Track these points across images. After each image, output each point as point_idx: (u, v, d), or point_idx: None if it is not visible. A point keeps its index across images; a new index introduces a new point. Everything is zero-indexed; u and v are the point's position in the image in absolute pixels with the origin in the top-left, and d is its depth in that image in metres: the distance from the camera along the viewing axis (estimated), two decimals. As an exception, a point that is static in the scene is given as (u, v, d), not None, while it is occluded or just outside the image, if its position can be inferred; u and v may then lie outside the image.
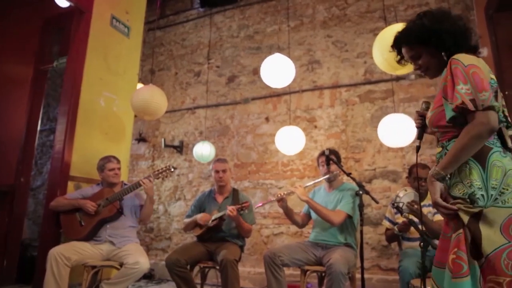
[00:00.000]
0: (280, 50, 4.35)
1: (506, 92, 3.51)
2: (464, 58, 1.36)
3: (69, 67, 3.56)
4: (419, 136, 1.65)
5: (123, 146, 3.92)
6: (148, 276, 4.84)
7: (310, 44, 4.98)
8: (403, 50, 1.56)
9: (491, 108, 1.27)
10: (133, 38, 4.17)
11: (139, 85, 4.30)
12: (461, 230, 1.28)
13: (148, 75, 5.73)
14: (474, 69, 1.32)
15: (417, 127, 1.66)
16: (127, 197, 3.07)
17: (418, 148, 1.62)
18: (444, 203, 1.33)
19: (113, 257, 2.87)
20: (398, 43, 1.58)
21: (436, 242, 2.57)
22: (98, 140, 3.62)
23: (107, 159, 3.12)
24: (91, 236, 2.90)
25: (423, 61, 1.50)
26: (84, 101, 3.50)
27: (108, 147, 3.62)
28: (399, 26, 2.68)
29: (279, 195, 2.88)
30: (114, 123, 3.83)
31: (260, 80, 3.51)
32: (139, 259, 2.68)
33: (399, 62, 1.65)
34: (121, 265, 2.74)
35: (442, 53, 1.45)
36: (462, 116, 1.31)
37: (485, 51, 3.95)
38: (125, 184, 3.18)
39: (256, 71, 5.05)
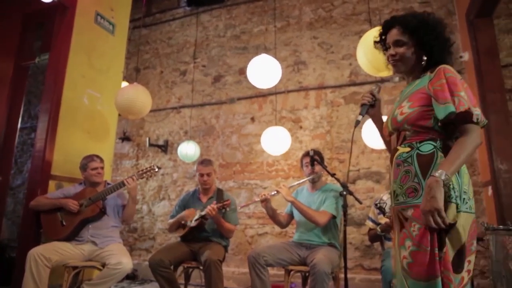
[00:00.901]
0: (266, 50, 4.37)
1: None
2: (455, 72, 1.42)
3: (52, 64, 3.49)
4: (363, 113, 1.64)
5: (107, 145, 3.87)
6: (131, 277, 4.79)
7: (296, 45, 5.01)
8: (393, 31, 1.53)
9: (483, 126, 1.37)
10: (118, 36, 4.12)
11: (124, 83, 4.25)
12: (444, 250, 1.29)
13: (133, 73, 5.66)
14: (465, 84, 1.41)
15: (364, 104, 1.64)
16: (110, 196, 3.02)
17: (357, 123, 1.61)
18: (444, 215, 1.26)
19: (95, 258, 2.82)
20: (393, 22, 1.56)
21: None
22: (81, 138, 3.56)
23: (90, 158, 3.07)
24: (72, 236, 2.85)
25: (402, 51, 1.50)
26: (67, 98, 3.44)
27: (91, 146, 3.57)
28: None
29: (263, 196, 2.88)
30: (97, 122, 3.77)
31: (246, 80, 3.51)
32: (122, 260, 2.65)
33: (376, 43, 1.64)
34: (103, 265, 2.70)
35: (424, 57, 1.48)
36: (450, 121, 1.34)
37: (466, 55, 4.05)
38: (108, 184, 3.14)
39: (242, 71, 5.06)
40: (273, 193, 2.91)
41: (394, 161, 1.47)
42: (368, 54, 2.75)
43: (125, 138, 5.70)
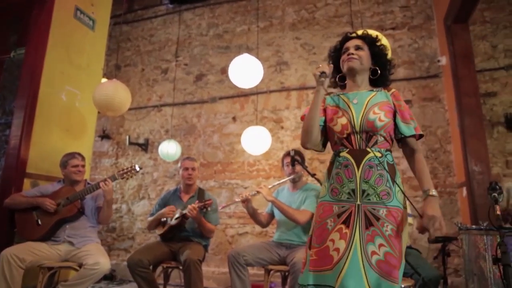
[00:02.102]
0: (248, 50, 4.38)
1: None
2: None
3: (28, 59, 3.40)
4: (324, 75, 1.63)
5: (85, 143, 3.79)
6: (109, 277, 4.71)
7: (279, 45, 5.03)
8: (353, 40, 1.75)
9: None
10: (98, 32, 4.04)
11: (104, 80, 4.17)
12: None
13: (114, 71, 5.57)
14: None
15: (325, 72, 1.63)
16: (89, 196, 2.96)
17: (322, 74, 1.62)
18: (443, 225, 1.49)
19: (71, 258, 2.76)
20: (354, 36, 1.78)
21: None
22: (58, 136, 3.48)
23: (71, 155, 3.00)
24: (48, 236, 2.78)
25: (361, 54, 1.70)
26: (44, 94, 3.35)
27: (69, 144, 3.49)
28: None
29: (243, 196, 2.89)
30: (76, 119, 3.69)
31: (228, 80, 3.50)
32: (99, 260, 2.60)
33: (332, 53, 1.84)
34: (80, 266, 2.64)
35: (376, 68, 1.72)
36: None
37: (443, 60, 4.16)
38: (88, 183, 3.07)
39: (224, 71, 5.05)
40: (253, 193, 2.91)
41: (365, 162, 1.56)
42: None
43: (104, 136, 5.60)
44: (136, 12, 6.00)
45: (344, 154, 1.61)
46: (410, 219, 2.80)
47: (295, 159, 2.86)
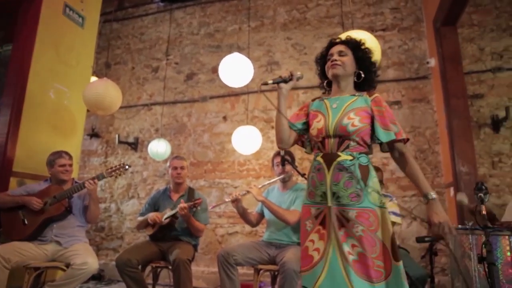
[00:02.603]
0: (239, 49, 4.37)
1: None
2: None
3: (15, 56, 3.35)
4: (276, 80, 1.70)
5: (74, 141, 3.75)
6: (97, 277, 4.67)
7: (270, 45, 5.03)
8: (337, 46, 1.79)
9: None
10: (88, 29, 4.00)
11: (93, 78, 4.13)
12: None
13: (103, 68, 5.51)
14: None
15: (281, 76, 1.71)
16: (77, 195, 2.93)
17: (264, 83, 1.67)
18: (452, 226, 1.53)
19: (59, 258, 2.73)
20: (338, 41, 1.82)
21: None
22: (46, 134, 3.44)
23: (58, 154, 2.96)
24: (35, 236, 2.74)
25: (344, 59, 1.74)
26: (32, 92, 3.31)
27: (57, 142, 3.45)
28: (355, 33, 2.80)
29: (233, 196, 2.89)
30: (64, 117, 3.65)
31: (219, 79, 3.49)
32: (87, 259, 2.57)
33: (319, 59, 1.88)
34: (68, 266, 2.61)
35: (355, 71, 1.76)
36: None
37: (432, 62, 4.20)
38: (76, 182, 3.04)
39: (215, 70, 5.03)
40: (243, 193, 2.91)
41: (335, 165, 1.61)
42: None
43: (93, 134, 5.54)
44: (126, 10, 5.95)
45: (318, 158, 1.68)
46: (398, 219, 2.82)
47: (285, 159, 2.86)
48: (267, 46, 5.04)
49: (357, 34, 2.76)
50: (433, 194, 1.55)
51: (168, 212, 2.99)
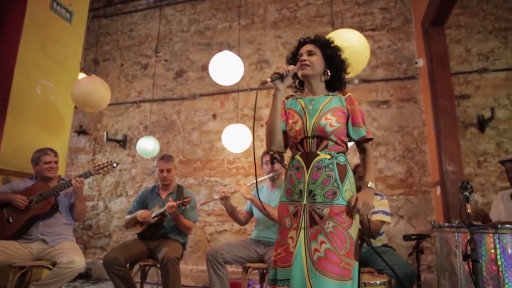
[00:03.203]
0: (230, 47, 4.36)
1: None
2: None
3: (0, 51, 3.28)
4: (274, 78, 1.63)
5: (61, 139, 3.70)
6: (85, 276, 4.63)
7: (260, 43, 5.03)
8: (306, 46, 1.80)
9: None
10: (76, 24, 3.94)
11: (82, 75, 4.08)
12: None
13: (92, 65, 5.44)
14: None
15: (278, 73, 1.64)
16: (63, 193, 2.89)
17: (264, 83, 1.63)
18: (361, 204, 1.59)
19: (44, 257, 2.69)
20: (307, 40, 1.83)
21: (371, 239, 2.74)
22: (32, 131, 3.38)
23: (43, 151, 2.91)
24: (20, 234, 2.70)
25: (313, 59, 1.75)
26: (17, 88, 3.25)
27: (43, 139, 3.39)
28: (344, 32, 2.82)
29: (222, 194, 2.89)
30: (51, 114, 3.59)
31: (209, 77, 3.48)
32: (74, 258, 2.54)
33: (289, 59, 1.88)
34: (54, 264, 2.57)
35: (328, 71, 1.76)
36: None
37: (421, 62, 4.26)
38: (62, 179, 2.99)
39: (205, 67, 5.01)
40: (232, 190, 2.92)
41: (314, 164, 1.64)
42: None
43: (81, 131, 5.48)
44: (115, 6, 5.89)
45: (297, 157, 1.71)
46: (388, 218, 2.85)
47: (274, 157, 2.87)
48: (257, 44, 5.04)
49: (347, 34, 2.78)
50: (372, 184, 1.64)
51: (157, 211, 2.97)
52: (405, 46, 4.56)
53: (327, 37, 1.84)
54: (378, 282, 2.34)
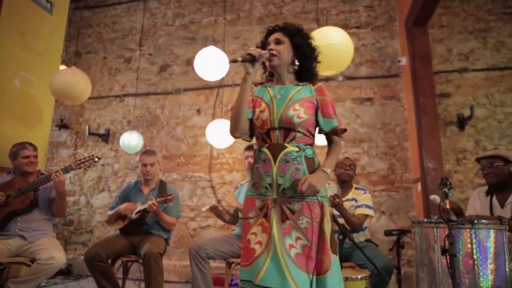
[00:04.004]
0: (215, 42, 4.33)
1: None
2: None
3: (-23, 41, 3.18)
4: (246, 59, 1.55)
5: (41, 132, 3.61)
6: (65, 272, 4.56)
7: (246, 39, 5.02)
8: (275, 34, 1.71)
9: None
10: (57, 15, 3.84)
11: (63, 67, 3.99)
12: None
13: (73, 57, 5.33)
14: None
15: (250, 54, 1.56)
16: (43, 187, 2.82)
17: (234, 60, 1.54)
18: (319, 192, 1.55)
19: (23, 253, 2.63)
20: (276, 28, 1.74)
21: (354, 234, 2.78)
22: (10, 124, 3.29)
23: (22, 145, 2.84)
24: (-3, 230, 2.64)
25: (280, 48, 1.67)
26: (-5, 80, 3.16)
27: (22, 133, 3.31)
28: (329, 30, 2.83)
29: (211, 205, 2.94)
30: (30, 107, 3.51)
31: (193, 71, 3.46)
32: (54, 254, 2.50)
33: (261, 48, 1.71)
34: (33, 261, 2.52)
35: (296, 62, 1.69)
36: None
37: (404, 60, 4.32)
38: (41, 174, 2.93)
39: (189, 62, 4.97)
40: (211, 205, 2.94)
41: (282, 156, 1.59)
42: (313, 53, 2.82)
43: (62, 125, 5.37)
44: (98, -2, 5.77)
45: (263, 149, 1.64)
46: (371, 212, 2.90)
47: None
48: (242, 40, 5.02)
49: (331, 31, 2.80)
50: (327, 169, 1.59)
51: (139, 207, 2.94)
52: (389, 44, 4.62)
53: (296, 24, 1.75)
54: (359, 277, 2.38)
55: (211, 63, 3.22)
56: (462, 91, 4.28)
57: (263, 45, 1.74)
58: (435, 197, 2.30)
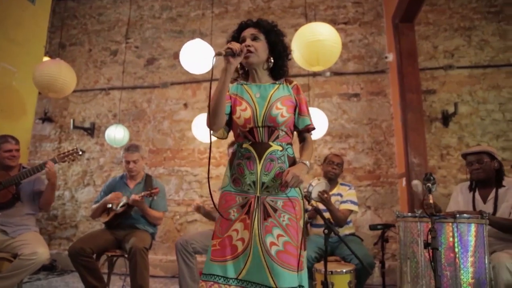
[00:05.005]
0: (202, 36, 4.29)
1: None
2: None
3: (-44, 31, 3.09)
4: (228, 53, 1.50)
5: (23, 125, 3.55)
6: (49, 268, 4.50)
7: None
8: (250, 29, 1.68)
9: None
10: (40, 5, 3.76)
11: (46, 59, 3.91)
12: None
13: (58, 49, 5.22)
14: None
15: (231, 48, 1.51)
16: (26, 181, 2.77)
17: (218, 54, 1.51)
18: (302, 183, 1.58)
19: (5, 248, 2.58)
20: (250, 23, 1.71)
21: (339, 228, 2.81)
22: (-8, 117, 3.22)
23: (4, 139, 2.78)
24: (-23, 225, 2.58)
25: (258, 45, 1.65)
26: (-25, 71, 3.08)
27: (3, 126, 3.24)
28: (317, 25, 2.84)
29: (196, 204, 2.99)
30: (12, 99, 3.43)
31: (181, 65, 3.42)
32: (37, 249, 2.46)
33: (233, 39, 1.70)
34: (15, 256, 2.48)
35: (271, 58, 1.69)
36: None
37: (391, 57, 4.35)
38: (23, 168, 2.87)
39: (176, 55, 4.89)
40: (197, 205, 3.00)
41: (267, 155, 1.60)
42: (301, 49, 2.83)
43: (46, 118, 5.26)
44: (83, -12, 5.65)
45: (246, 145, 1.63)
46: (355, 207, 2.93)
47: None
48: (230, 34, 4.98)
49: (319, 27, 2.81)
50: (306, 161, 1.62)
51: (124, 200, 2.92)
52: (376, 40, 4.65)
53: (270, 21, 1.73)
54: (344, 271, 2.42)
55: (197, 56, 3.19)
56: (447, 88, 4.34)
57: (235, 38, 1.71)
58: (417, 183, 2.33)
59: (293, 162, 1.64)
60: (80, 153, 2.86)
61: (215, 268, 1.54)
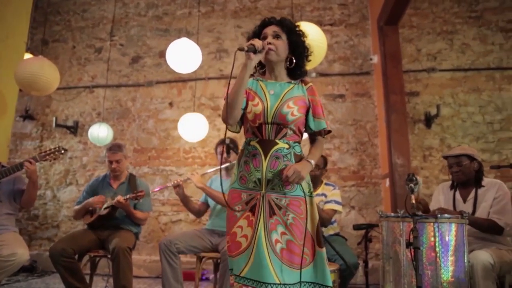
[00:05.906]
0: (188, 35, 4.26)
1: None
2: None
3: None
4: (251, 49, 1.53)
5: (3, 123, 3.46)
6: (29, 269, 4.40)
7: (220, 32, 4.98)
8: (272, 27, 1.70)
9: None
10: (21, 1, 3.67)
11: (28, 56, 3.82)
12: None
13: (40, 45, 5.11)
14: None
15: (254, 45, 1.54)
16: (5, 180, 2.71)
17: (241, 49, 1.54)
18: (303, 179, 1.59)
19: (-17, 249, 2.52)
20: (273, 21, 1.72)
21: (323, 228, 2.83)
22: (-30, 114, 3.13)
23: (-19, 136, 2.71)
24: (-47, 225, 2.50)
25: (279, 43, 1.66)
26: (-48, 67, 2.99)
27: (-18, 123, 3.16)
28: (303, 25, 2.84)
29: (175, 182, 2.86)
30: (-9, 96, 3.34)
31: (166, 64, 3.39)
32: (16, 250, 2.40)
33: (254, 35, 1.72)
34: (-7, 257, 2.42)
35: (291, 58, 1.70)
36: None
37: (375, 58, 4.41)
38: (3, 167, 2.80)
39: (162, 54, 4.88)
40: (184, 178, 2.91)
41: (273, 152, 1.61)
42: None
43: (27, 116, 5.15)
44: (66, -16, 5.55)
45: (253, 143, 1.65)
46: (339, 207, 2.95)
47: (230, 147, 2.87)
48: (216, 33, 4.97)
49: (305, 27, 2.81)
50: (311, 160, 1.62)
51: (108, 202, 2.87)
52: (361, 42, 4.71)
53: (293, 20, 1.74)
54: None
55: (184, 55, 3.17)
56: (430, 90, 4.43)
57: (256, 35, 1.72)
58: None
59: (299, 160, 1.63)
60: (63, 151, 2.80)
61: (231, 263, 1.58)
